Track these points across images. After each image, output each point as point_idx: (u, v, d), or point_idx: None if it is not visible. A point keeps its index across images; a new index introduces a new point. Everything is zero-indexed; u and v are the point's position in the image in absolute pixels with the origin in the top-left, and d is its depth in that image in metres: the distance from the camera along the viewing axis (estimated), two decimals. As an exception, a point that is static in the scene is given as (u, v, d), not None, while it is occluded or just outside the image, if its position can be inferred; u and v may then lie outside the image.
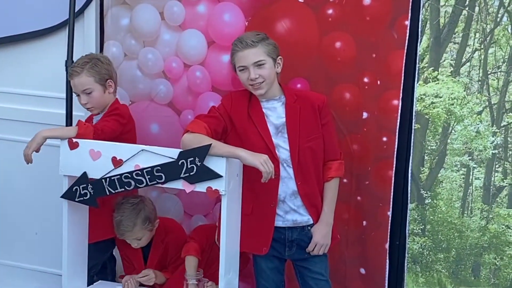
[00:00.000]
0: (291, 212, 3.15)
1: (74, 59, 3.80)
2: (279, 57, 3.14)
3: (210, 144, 2.86)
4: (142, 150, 3.00)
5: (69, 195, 3.14)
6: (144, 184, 3.01)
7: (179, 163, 2.92)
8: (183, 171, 2.92)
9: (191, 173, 2.91)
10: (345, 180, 3.41)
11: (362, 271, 3.68)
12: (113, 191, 3.07)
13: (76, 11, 3.87)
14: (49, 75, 4.15)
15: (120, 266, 3.88)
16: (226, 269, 2.99)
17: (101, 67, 3.46)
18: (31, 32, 4.14)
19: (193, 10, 3.77)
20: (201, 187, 2.92)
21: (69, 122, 3.86)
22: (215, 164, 2.87)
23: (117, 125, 3.36)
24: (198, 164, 2.89)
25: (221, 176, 2.87)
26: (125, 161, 3.02)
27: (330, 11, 3.54)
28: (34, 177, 4.22)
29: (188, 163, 2.91)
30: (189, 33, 3.79)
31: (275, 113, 3.16)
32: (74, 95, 3.77)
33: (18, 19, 4.15)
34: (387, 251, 3.58)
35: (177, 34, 3.82)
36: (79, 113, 3.88)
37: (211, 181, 2.90)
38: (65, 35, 4.01)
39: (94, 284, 3.44)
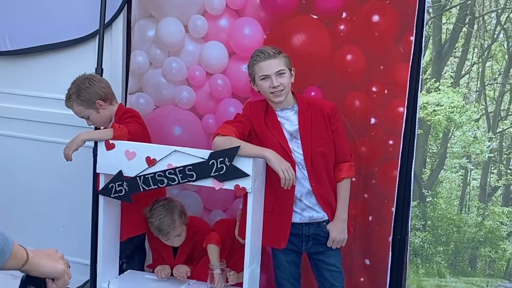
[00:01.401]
0: (307, 209, 3.16)
1: (103, 67, 3.82)
2: (293, 69, 3.16)
3: (239, 146, 2.90)
4: (175, 150, 3.04)
5: (105, 191, 3.17)
6: (176, 182, 3.05)
7: (210, 163, 2.96)
8: (213, 170, 2.96)
9: (220, 172, 2.95)
10: (353, 179, 3.40)
11: (367, 262, 3.69)
12: (147, 188, 3.10)
13: (105, 23, 3.86)
14: None
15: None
16: (251, 260, 3.04)
17: (85, 93, 3.44)
18: (64, 42, 4.13)
19: (215, 23, 3.78)
20: (229, 185, 2.97)
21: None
22: (243, 164, 2.92)
23: (137, 125, 3.39)
24: (228, 164, 2.93)
25: (248, 175, 2.92)
26: (158, 160, 3.04)
27: (342, 27, 3.58)
28: (62, 175, 4.21)
29: (218, 163, 2.95)
30: (211, 45, 3.80)
31: (289, 121, 3.18)
32: None
33: (52, 29, 4.13)
34: (390, 244, 3.59)
35: (200, 45, 3.82)
36: None
37: (239, 179, 2.95)
38: (94, 44, 4.06)
39: (124, 273, 3.46)
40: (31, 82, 4.28)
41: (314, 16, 3.62)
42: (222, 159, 2.93)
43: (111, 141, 3.14)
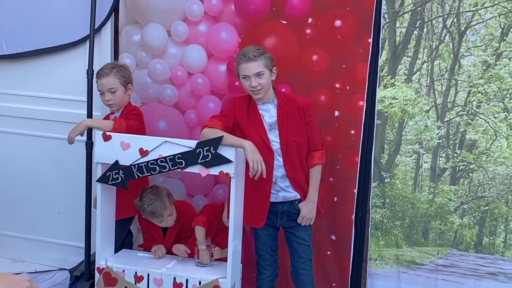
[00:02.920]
0: (281, 190, 3.23)
1: (94, 68, 3.77)
2: (274, 67, 3.20)
3: (222, 136, 2.94)
4: (165, 141, 3.04)
5: (103, 179, 3.16)
6: (167, 169, 3.05)
7: (197, 151, 2.98)
8: (200, 158, 2.98)
9: (206, 159, 2.97)
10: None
11: (333, 237, 3.74)
12: (141, 175, 3.09)
13: (95, 28, 3.83)
14: (71, 81, 4.13)
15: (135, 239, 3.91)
16: (234, 236, 3.07)
17: (125, 73, 3.48)
18: (56, 46, 4.08)
19: (195, 28, 3.78)
20: (215, 171, 2.98)
21: None
22: (226, 152, 2.95)
23: (138, 123, 3.41)
24: (213, 152, 2.95)
25: (231, 162, 2.95)
26: (150, 151, 3.05)
27: (308, 31, 3.59)
28: (57, 166, 4.22)
29: (204, 151, 2.97)
30: (192, 48, 3.80)
31: (268, 113, 3.23)
32: (93, 97, 3.74)
33: (46, 35, 4.07)
34: (353, 221, 3.67)
35: (181, 48, 3.82)
36: (97, 113, 3.90)
37: (223, 166, 2.96)
38: (84, 48, 4.04)
39: (120, 252, 3.46)
40: (27, 83, 4.23)
41: (283, 22, 3.63)
42: (207, 147, 2.96)
43: (108, 133, 3.12)
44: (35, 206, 4.32)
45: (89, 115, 3.84)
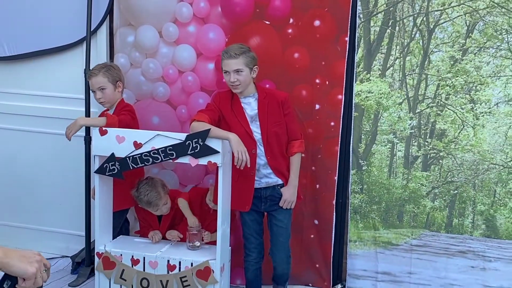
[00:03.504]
0: (264, 177, 3.29)
1: (91, 68, 3.77)
2: (256, 66, 3.24)
3: (210, 129, 3.02)
4: (157, 134, 3.12)
5: (100, 170, 3.22)
6: (160, 160, 3.12)
7: (186, 143, 3.05)
8: (190, 149, 3.05)
9: (196, 151, 3.04)
10: (303, 155, 3.47)
11: (316, 222, 3.79)
12: (136, 166, 3.16)
13: (91, 30, 3.90)
14: (69, 80, 4.13)
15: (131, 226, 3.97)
16: (222, 221, 3.16)
17: (113, 72, 3.54)
18: (55, 48, 4.11)
19: (185, 29, 3.80)
20: (203, 161, 3.07)
21: (87, 116, 3.87)
22: (214, 143, 3.03)
23: (130, 118, 3.46)
24: (201, 143, 3.03)
25: (218, 152, 3.03)
26: (144, 143, 3.12)
27: (289, 31, 3.64)
28: (57, 160, 4.22)
29: (193, 143, 3.04)
30: (182, 47, 3.82)
31: (250, 106, 3.29)
32: (90, 95, 3.80)
33: (45, 37, 4.09)
34: (334, 207, 3.72)
35: (172, 48, 3.84)
36: (95, 110, 3.93)
37: (211, 156, 3.04)
38: (81, 49, 4.04)
39: (117, 238, 3.52)
40: (28, 82, 4.24)
41: (267, 22, 3.67)
42: (196, 139, 3.03)
43: (104, 128, 3.18)
44: (38, 198, 4.34)
45: (87, 111, 3.93)
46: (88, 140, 3.85)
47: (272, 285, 3.60)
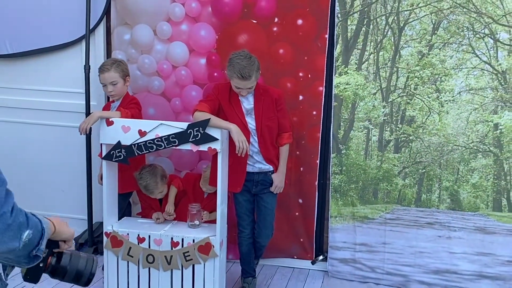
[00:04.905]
0: (257, 163, 3.37)
1: (90, 64, 3.90)
2: (259, 71, 3.24)
3: (209, 119, 3.09)
4: (161, 124, 3.17)
5: (108, 157, 3.27)
6: (163, 147, 3.17)
7: (188, 131, 3.12)
8: (191, 137, 3.12)
9: (196, 138, 3.12)
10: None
11: (300, 201, 3.87)
12: (140, 153, 3.22)
13: (89, 29, 3.93)
14: (69, 76, 4.18)
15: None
16: (221, 201, 3.23)
17: (123, 67, 3.56)
18: (55, 45, 4.14)
19: (178, 28, 3.84)
20: (204, 147, 3.14)
21: (87, 109, 3.95)
22: (213, 132, 3.11)
23: (137, 111, 3.52)
24: (202, 132, 3.10)
25: (218, 139, 3.11)
26: (148, 132, 3.18)
27: (275, 29, 3.70)
28: (59, 150, 4.26)
29: (194, 131, 3.11)
30: (175, 44, 3.87)
31: (247, 100, 3.32)
32: (90, 89, 3.88)
33: (46, 36, 4.12)
34: (317, 187, 3.81)
35: (166, 45, 3.88)
36: (94, 103, 3.99)
37: (211, 143, 3.12)
38: (80, 47, 4.08)
39: (122, 219, 3.56)
40: (30, 78, 4.26)
41: (254, 21, 3.72)
42: (197, 128, 3.10)
43: (110, 119, 3.22)
44: (42, 185, 4.36)
45: (87, 104, 3.98)
46: (89, 130, 3.87)
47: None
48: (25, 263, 1.42)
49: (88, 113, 3.92)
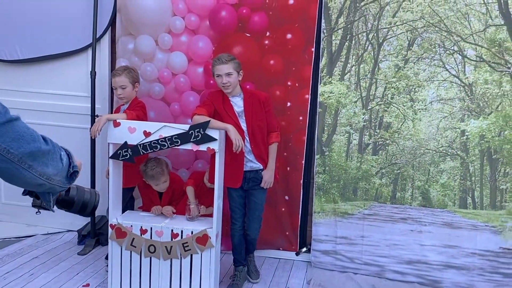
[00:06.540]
0: (249, 162, 3.38)
1: (96, 70, 3.93)
2: (241, 71, 3.33)
3: (209, 120, 3.15)
4: (164, 125, 3.20)
5: (115, 156, 3.27)
6: (166, 147, 3.17)
7: (189, 132, 3.15)
8: (192, 137, 3.15)
9: (197, 139, 3.14)
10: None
11: (286, 197, 3.90)
12: (145, 152, 3.22)
13: (96, 38, 3.98)
14: (74, 80, 4.23)
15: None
16: (218, 196, 3.27)
17: (133, 74, 3.59)
18: (64, 53, 4.18)
19: (178, 39, 3.88)
20: (203, 147, 3.17)
21: (92, 111, 4.00)
22: (212, 133, 3.15)
23: (142, 114, 3.55)
24: (202, 132, 3.13)
25: (216, 140, 3.15)
26: (153, 133, 3.21)
27: (266, 42, 3.75)
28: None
29: (195, 132, 3.15)
30: (175, 54, 3.90)
31: (236, 104, 3.35)
32: (96, 93, 3.90)
33: (54, 43, 4.15)
34: (301, 185, 3.84)
35: (167, 54, 3.90)
36: (98, 106, 4.04)
37: (210, 143, 3.15)
38: (87, 54, 4.12)
39: (125, 212, 3.56)
40: (39, 82, 4.29)
41: (248, 34, 3.76)
42: (198, 129, 3.13)
43: (117, 121, 3.24)
44: None
45: (93, 107, 4.01)
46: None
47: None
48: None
49: (93, 115, 3.96)
